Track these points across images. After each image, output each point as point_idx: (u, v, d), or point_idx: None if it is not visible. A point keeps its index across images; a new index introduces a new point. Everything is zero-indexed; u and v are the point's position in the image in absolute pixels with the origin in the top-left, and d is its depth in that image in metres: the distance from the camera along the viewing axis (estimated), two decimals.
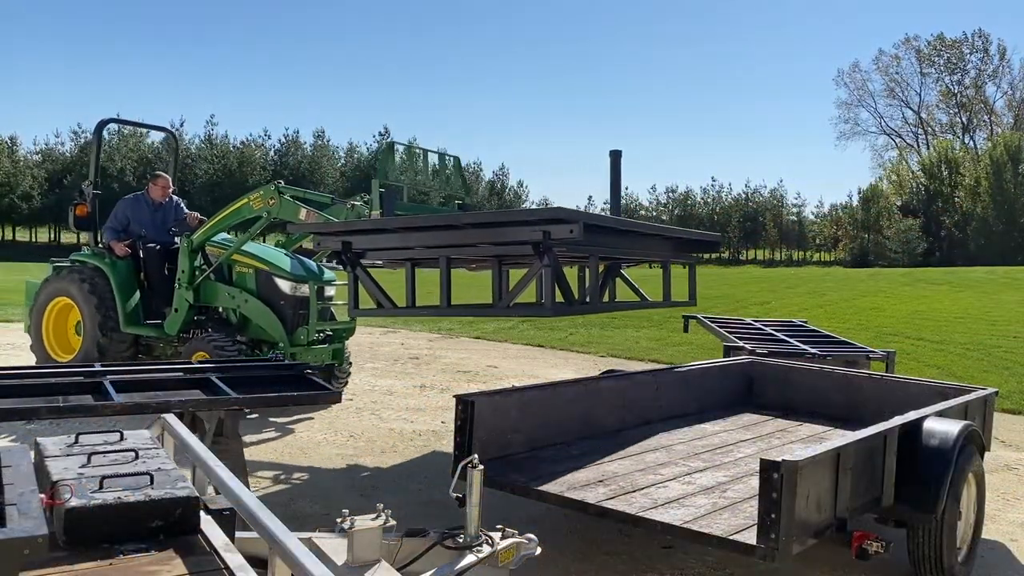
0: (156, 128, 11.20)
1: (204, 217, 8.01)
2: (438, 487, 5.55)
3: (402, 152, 5.80)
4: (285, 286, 7.49)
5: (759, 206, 78.82)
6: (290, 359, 7.08)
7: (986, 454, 4.74)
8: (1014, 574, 4.49)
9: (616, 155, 5.83)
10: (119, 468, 2.12)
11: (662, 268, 5.66)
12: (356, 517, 2.69)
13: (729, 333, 7.45)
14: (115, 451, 2.25)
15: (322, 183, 63.46)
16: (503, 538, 3.03)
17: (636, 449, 4.80)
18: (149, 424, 2.97)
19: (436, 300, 4.85)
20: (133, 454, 2.23)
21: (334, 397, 4.38)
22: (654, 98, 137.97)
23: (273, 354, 5.38)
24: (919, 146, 78.20)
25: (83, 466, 2.12)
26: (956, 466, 3.91)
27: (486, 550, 2.95)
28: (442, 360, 11.84)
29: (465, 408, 4.19)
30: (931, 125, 78.45)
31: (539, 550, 3.13)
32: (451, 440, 4.59)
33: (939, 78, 75.67)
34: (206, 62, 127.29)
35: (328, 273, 7.84)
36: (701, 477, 4.21)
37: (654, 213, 77.47)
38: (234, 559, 1.81)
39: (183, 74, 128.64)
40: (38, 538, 1.51)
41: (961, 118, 76.10)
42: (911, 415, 4.11)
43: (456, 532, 3.00)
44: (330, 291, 7.86)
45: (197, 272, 7.69)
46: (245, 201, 7.34)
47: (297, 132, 76.22)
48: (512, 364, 11.66)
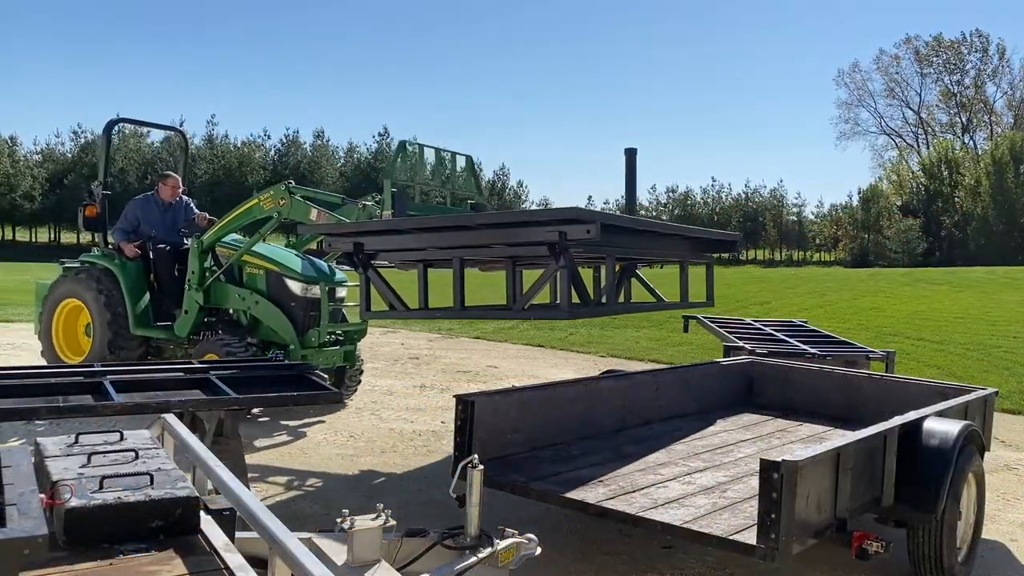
0: (166, 128, 11.14)
1: (214, 217, 7.93)
2: (438, 487, 5.55)
3: (414, 151, 5.72)
4: (296, 287, 7.41)
5: (759, 206, 78.82)
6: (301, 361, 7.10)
7: (986, 454, 4.74)
8: (1014, 574, 4.49)
9: (631, 153, 5.69)
10: (119, 468, 2.12)
11: (679, 268, 5.54)
12: (356, 517, 2.69)
13: (729, 333, 7.45)
14: (115, 451, 2.25)
15: (322, 183, 63.42)
16: (503, 538, 3.03)
17: (636, 449, 4.79)
18: (149, 424, 2.98)
19: (447, 301, 4.76)
20: (133, 454, 2.23)
21: (334, 397, 4.38)
22: (654, 98, 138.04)
23: (273, 354, 5.37)
24: (919, 146, 78.28)
25: (83, 466, 2.12)
26: (956, 466, 3.91)
27: (486, 550, 2.95)
28: (442, 360, 11.84)
29: (465, 408, 4.19)
30: (931, 125, 78.50)
31: (539, 550, 3.13)
32: (451, 440, 4.59)
33: (939, 78, 75.75)
34: (206, 62, 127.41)
35: (339, 274, 7.75)
36: (701, 477, 4.21)
37: (654, 213, 77.42)
38: (234, 559, 1.81)
39: (183, 74, 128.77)
40: (38, 538, 1.51)
41: (961, 118, 76.12)
42: (911, 415, 4.11)
43: (456, 532, 3.01)
44: (341, 292, 7.76)
45: (207, 273, 7.61)
46: (255, 201, 7.27)
47: (297, 132, 76.32)
48: (512, 364, 11.66)
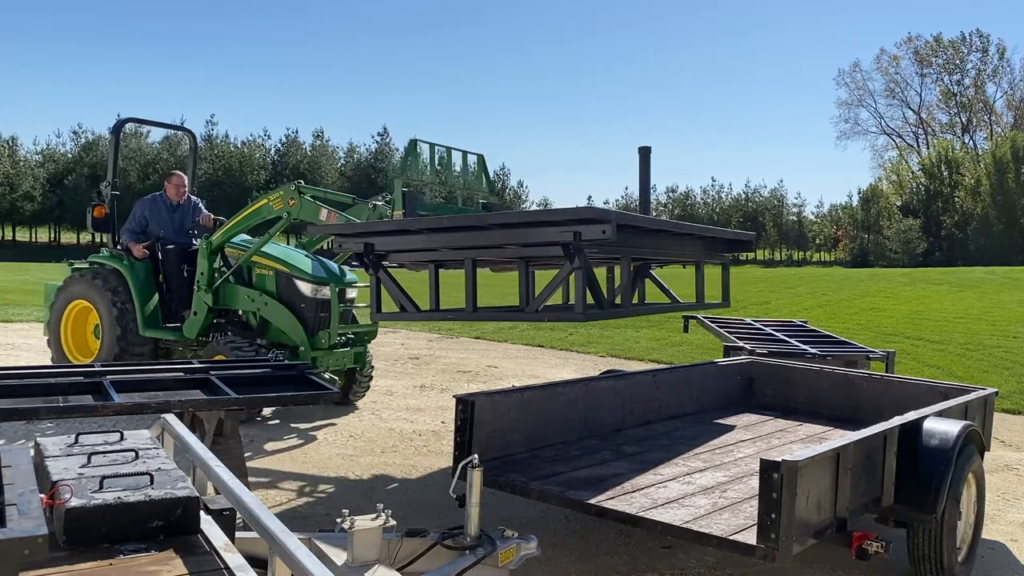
0: (174, 127, 11.07)
1: (220, 218, 7.87)
2: (438, 487, 5.56)
3: (425, 151, 5.61)
4: (306, 288, 7.34)
5: (759, 206, 78.89)
6: (311, 363, 6.99)
7: (986, 454, 4.75)
8: (1014, 574, 4.48)
9: (645, 152, 5.61)
10: (119, 468, 2.12)
11: (695, 269, 5.46)
12: (356, 517, 2.70)
13: (729, 333, 7.45)
14: (115, 451, 2.25)
15: (322, 183, 63.44)
16: (503, 538, 3.03)
17: (636, 449, 4.79)
18: (149, 424, 2.97)
19: (458, 303, 4.69)
20: (133, 454, 2.23)
21: (334, 396, 4.38)
22: (654, 98, 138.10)
23: (273, 354, 5.35)
24: (919, 146, 78.29)
25: (83, 466, 2.12)
26: (956, 466, 3.91)
27: (486, 550, 2.95)
28: (442, 360, 11.84)
29: (465, 408, 4.19)
30: (931, 125, 78.53)
31: (539, 550, 3.13)
32: (451, 440, 4.59)
33: (939, 78, 75.77)
34: (206, 62, 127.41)
35: (349, 275, 7.69)
36: (701, 477, 4.21)
37: (654, 213, 77.37)
38: (234, 559, 1.81)
39: (183, 74, 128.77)
40: (38, 538, 1.51)
41: (961, 118, 76.13)
42: (911, 415, 4.11)
43: (456, 532, 3.01)
44: (352, 293, 7.70)
45: (216, 274, 7.55)
46: (265, 201, 7.21)
47: (296, 132, 76.36)
48: (512, 364, 11.66)
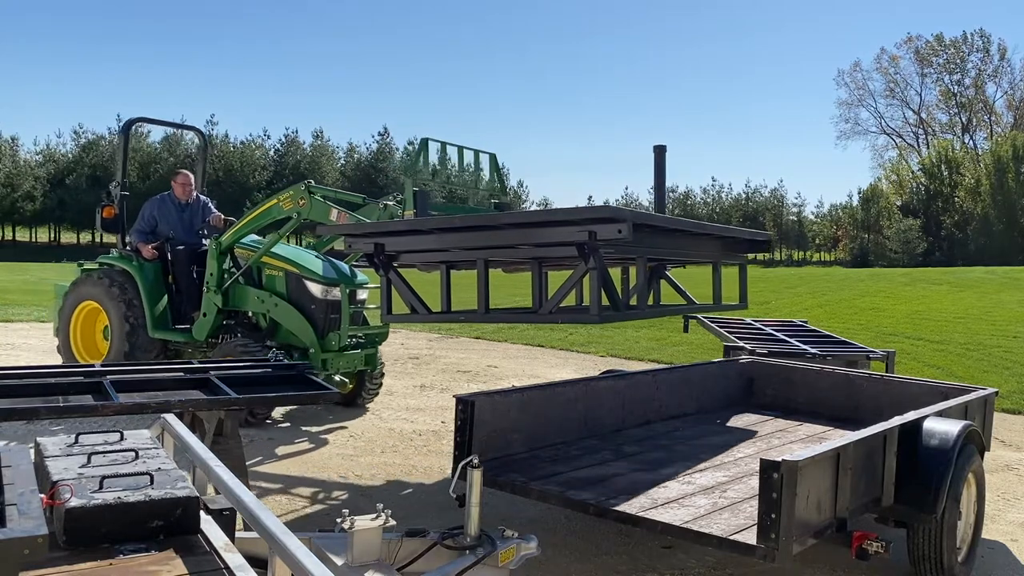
0: (184, 127, 11.02)
1: (231, 218, 7.82)
2: (438, 487, 5.56)
3: (436, 150, 5.50)
4: (316, 289, 7.26)
5: (759, 206, 78.88)
6: (321, 365, 6.97)
7: (986, 454, 4.75)
8: (1014, 574, 4.48)
9: (660, 150, 5.50)
10: (119, 468, 2.12)
11: (712, 270, 5.39)
12: (356, 517, 2.70)
13: (729, 333, 7.45)
14: (115, 451, 2.25)
15: (321, 183, 63.41)
16: (503, 538, 3.03)
17: (636, 449, 4.79)
18: (149, 424, 2.97)
19: (466, 304, 4.63)
20: (133, 454, 2.23)
21: (334, 396, 4.37)
22: (653, 98, 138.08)
23: (273, 354, 5.35)
24: (919, 146, 78.29)
25: (83, 466, 2.12)
26: (956, 466, 3.91)
27: (486, 550, 2.95)
28: (442, 360, 11.84)
29: (465, 408, 4.19)
30: (931, 125, 78.53)
31: (539, 550, 3.13)
32: (451, 440, 4.59)
33: (939, 78, 75.77)
34: (206, 62, 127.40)
35: (360, 276, 7.59)
36: (701, 477, 4.21)
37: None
38: (234, 559, 1.81)
39: (183, 74, 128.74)
40: (38, 538, 1.51)
41: (961, 118, 76.13)
42: (911, 415, 4.11)
43: (456, 532, 3.01)
44: (362, 294, 7.60)
45: (226, 275, 7.49)
46: (275, 201, 7.15)
47: (296, 132, 76.37)
48: (512, 364, 11.66)
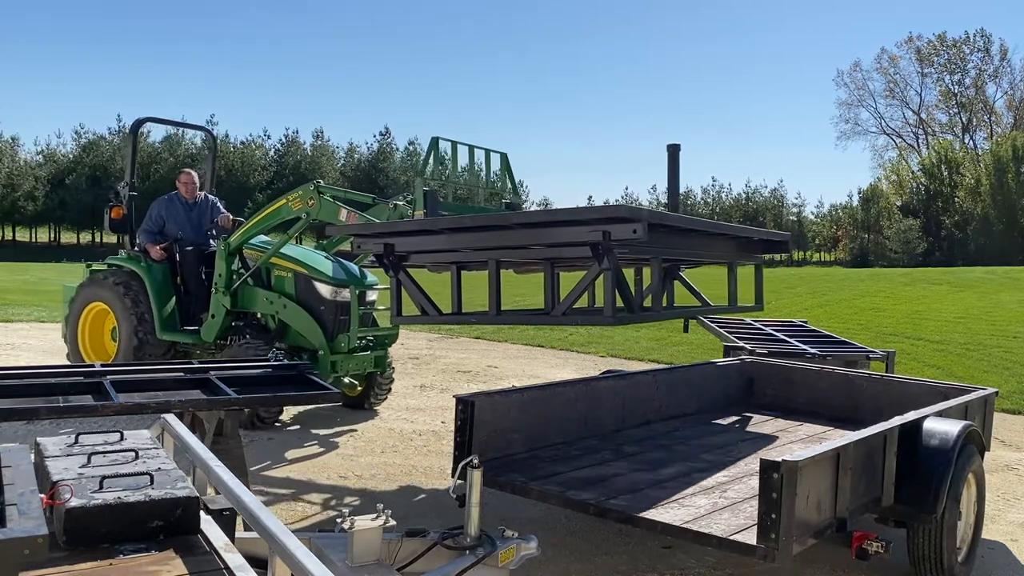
0: (193, 127, 10.97)
1: (239, 218, 7.77)
2: (438, 487, 5.56)
3: (447, 149, 5.40)
4: (325, 290, 7.19)
5: (759, 206, 78.89)
6: (331, 367, 6.94)
7: (986, 454, 4.75)
8: (1014, 574, 4.49)
9: (674, 149, 5.40)
10: (119, 468, 2.12)
11: (728, 270, 5.33)
12: (356, 517, 2.70)
13: (729, 333, 7.45)
14: (115, 451, 2.25)
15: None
16: (503, 538, 3.03)
17: (636, 449, 4.80)
18: (149, 424, 2.97)
19: (474, 305, 4.57)
20: (133, 454, 2.23)
21: (334, 397, 4.37)
22: (653, 97, 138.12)
23: (273, 354, 5.35)
24: (919, 146, 78.29)
25: (83, 466, 2.12)
26: (956, 466, 3.91)
27: (486, 550, 2.95)
28: (442, 360, 11.84)
29: (465, 408, 4.19)
30: (931, 125, 78.54)
31: (539, 550, 3.13)
32: (451, 440, 4.59)
33: (939, 78, 75.75)
34: (206, 62, 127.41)
35: (370, 277, 7.53)
36: (701, 477, 4.21)
37: None
38: (234, 559, 1.81)
39: (183, 74, 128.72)
40: (38, 538, 1.51)
41: (961, 118, 76.11)
42: (911, 415, 4.11)
43: (456, 532, 3.00)
44: (372, 296, 7.51)
45: (234, 276, 7.43)
46: (284, 202, 7.07)
47: (296, 132, 76.42)
48: (512, 364, 11.66)
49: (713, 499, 3.79)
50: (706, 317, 7.87)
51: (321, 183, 7.03)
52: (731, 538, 3.21)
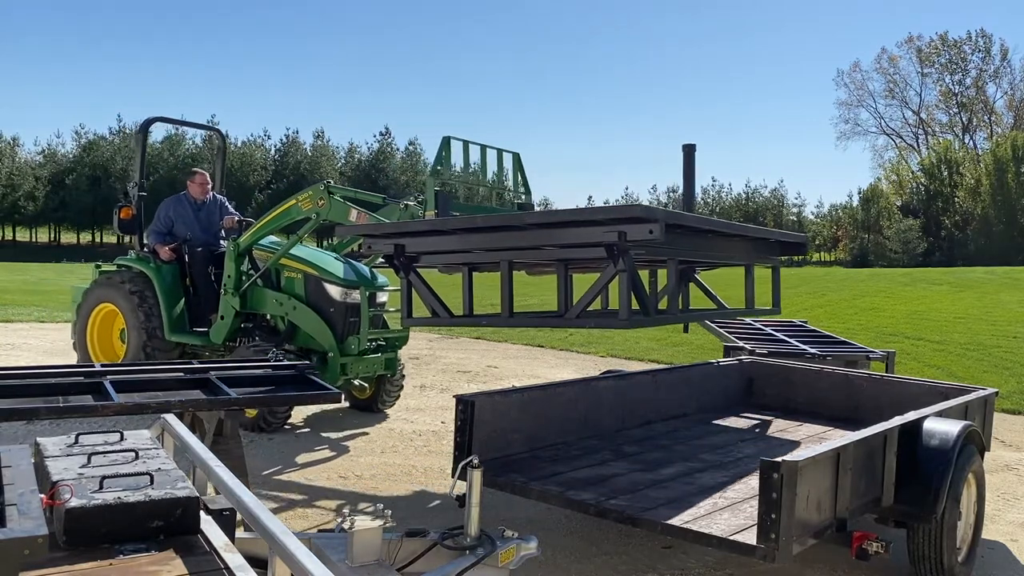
0: (202, 127, 10.92)
1: (246, 219, 7.68)
2: (438, 487, 5.56)
3: (459, 149, 5.32)
4: (335, 292, 7.09)
5: (759, 206, 78.90)
6: (340, 369, 6.88)
7: (986, 454, 4.75)
8: (1014, 574, 4.48)
9: (690, 149, 5.30)
10: (119, 468, 2.12)
11: (745, 272, 5.26)
12: (356, 517, 2.69)
13: (729, 333, 7.45)
14: (115, 451, 2.25)
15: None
16: (503, 538, 3.03)
17: (636, 449, 4.80)
18: (149, 424, 2.97)
19: (484, 307, 4.55)
20: (133, 454, 2.23)
21: (335, 397, 4.36)
22: (653, 97, 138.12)
23: (273, 354, 5.34)
24: (919, 146, 78.28)
25: (83, 466, 2.12)
26: (956, 466, 3.91)
27: (486, 550, 2.95)
28: (442, 360, 11.84)
29: (465, 408, 4.19)
30: (931, 125, 78.52)
31: (539, 551, 3.13)
32: (451, 440, 4.59)
33: (939, 78, 75.75)
34: (206, 62, 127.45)
35: (381, 278, 7.43)
36: (701, 477, 4.21)
37: None
38: (234, 559, 1.81)
39: (183, 74, 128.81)
40: (38, 538, 1.51)
41: (961, 118, 76.11)
42: (911, 415, 4.11)
43: (456, 532, 3.00)
44: (383, 297, 7.44)
45: (244, 277, 7.35)
46: (293, 202, 7.00)
47: (297, 132, 76.46)
48: (512, 364, 11.66)
49: (713, 499, 3.79)
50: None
51: (331, 183, 6.95)
52: (731, 538, 3.21)
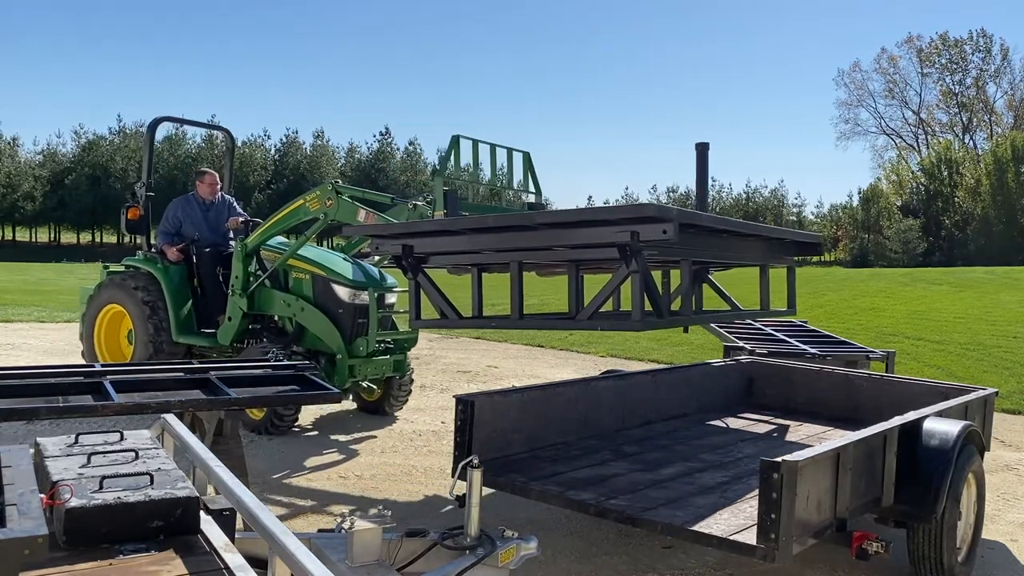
0: (211, 127, 10.89)
1: (253, 219, 7.64)
2: (438, 487, 5.56)
3: (468, 148, 5.24)
4: (344, 293, 7.04)
5: (759, 206, 78.94)
6: (349, 371, 6.85)
7: (986, 454, 4.75)
8: (1014, 574, 4.48)
9: (703, 148, 5.19)
10: (119, 468, 2.12)
11: (760, 273, 5.18)
12: (356, 517, 2.69)
13: (729, 333, 7.45)
14: (115, 451, 2.25)
15: (320, 183, 63.65)
16: (503, 538, 3.03)
17: (636, 449, 4.80)
18: (149, 424, 2.97)
19: (492, 308, 4.51)
20: (133, 454, 2.23)
21: (335, 397, 4.35)
22: (653, 98, 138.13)
23: (273, 354, 5.34)
24: (919, 146, 78.27)
25: (83, 466, 2.11)
26: (956, 466, 3.91)
27: (486, 550, 2.95)
28: (442, 360, 11.84)
29: (465, 408, 4.19)
30: (931, 125, 78.50)
31: (539, 551, 3.13)
32: (451, 440, 4.59)
33: (939, 78, 75.73)
34: (207, 62, 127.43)
35: (389, 279, 7.35)
36: (701, 477, 4.21)
37: None
38: (234, 559, 1.81)
39: (183, 74, 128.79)
40: (38, 538, 1.51)
41: (961, 118, 76.08)
42: (911, 415, 4.11)
43: (456, 532, 3.00)
44: (391, 298, 7.34)
45: (251, 278, 7.30)
46: (301, 202, 6.96)
47: (296, 132, 76.45)
48: (512, 364, 11.66)
49: (713, 499, 3.79)
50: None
51: (339, 183, 6.89)
52: (731, 538, 3.21)
